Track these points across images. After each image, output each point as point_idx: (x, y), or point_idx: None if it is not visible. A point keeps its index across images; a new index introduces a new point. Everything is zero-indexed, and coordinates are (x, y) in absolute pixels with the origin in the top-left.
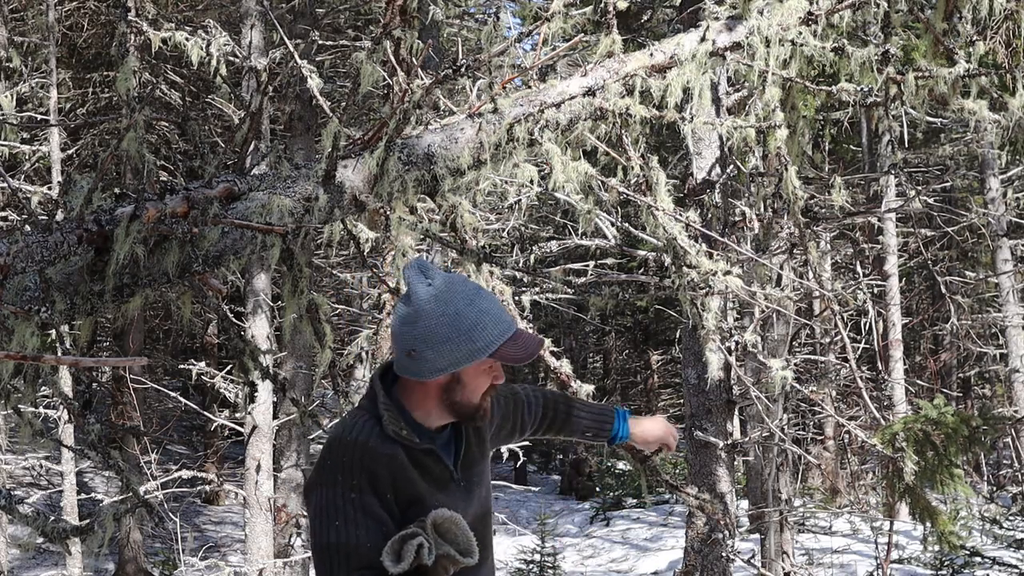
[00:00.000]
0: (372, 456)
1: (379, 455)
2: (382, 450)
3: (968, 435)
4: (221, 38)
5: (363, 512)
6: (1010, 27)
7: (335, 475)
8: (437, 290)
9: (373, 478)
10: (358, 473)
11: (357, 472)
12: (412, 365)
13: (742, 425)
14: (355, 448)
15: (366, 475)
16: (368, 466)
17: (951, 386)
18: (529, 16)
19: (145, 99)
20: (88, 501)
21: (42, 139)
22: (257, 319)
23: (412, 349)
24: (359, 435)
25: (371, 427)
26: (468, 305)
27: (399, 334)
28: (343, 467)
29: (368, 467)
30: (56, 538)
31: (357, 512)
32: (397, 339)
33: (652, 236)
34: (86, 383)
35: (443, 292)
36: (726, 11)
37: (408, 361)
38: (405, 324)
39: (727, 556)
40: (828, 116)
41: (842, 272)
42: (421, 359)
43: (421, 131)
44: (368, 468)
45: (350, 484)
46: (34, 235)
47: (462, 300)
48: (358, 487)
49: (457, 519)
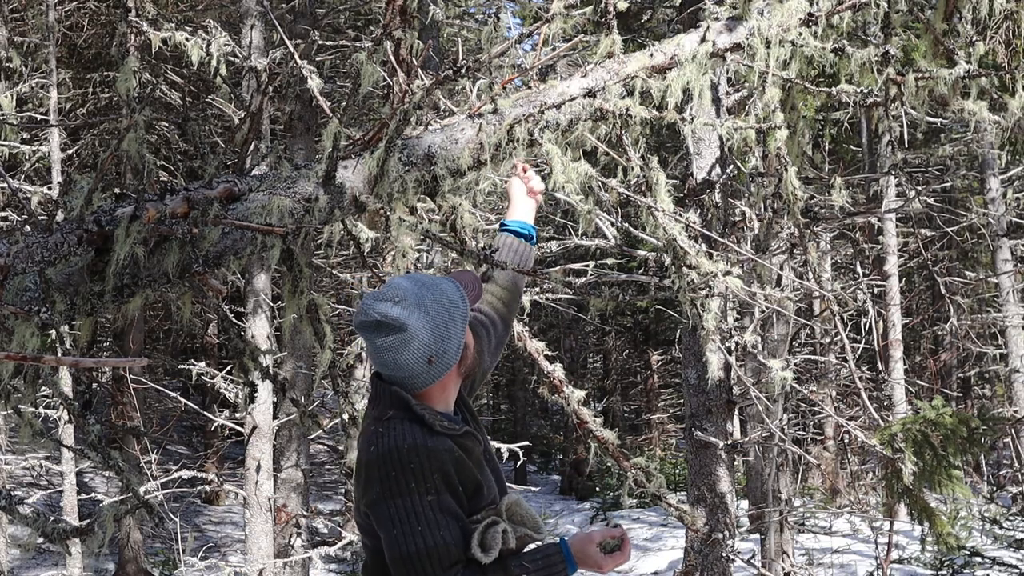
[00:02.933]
0: (436, 455)
1: (440, 452)
2: (441, 447)
3: (966, 436)
4: (221, 38)
5: (443, 512)
6: (1010, 27)
7: (407, 483)
8: (405, 300)
9: (445, 476)
10: (430, 475)
11: (429, 475)
12: (437, 367)
13: (742, 425)
14: (418, 452)
15: (438, 475)
16: (437, 466)
17: (951, 386)
18: (529, 16)
19: (145, 99)
20: (88, 501)
21: (42, 139)
22: (257, 319)
23: (431, 355)
24: (415, 440)
25: (418, 429)
26: (428, 288)
27: (409, 357)
28: (413, 473)
29: (437, 467)
30: (56, 538)
31: (438, 513)
32: (409, 362)
33: (652, 236)
34: (86, 383)
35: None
36: (726, 12)
37: (431, 368)
38: (411, 343)
39: (727, 556)
40: (828, 116)
41: (842, 272)
42: (442, 354)
43: (421, 132)
44: (438, 468)
45: (425, 488)
46: (34, 235)
47: (422, 289)
48: (435, 489)
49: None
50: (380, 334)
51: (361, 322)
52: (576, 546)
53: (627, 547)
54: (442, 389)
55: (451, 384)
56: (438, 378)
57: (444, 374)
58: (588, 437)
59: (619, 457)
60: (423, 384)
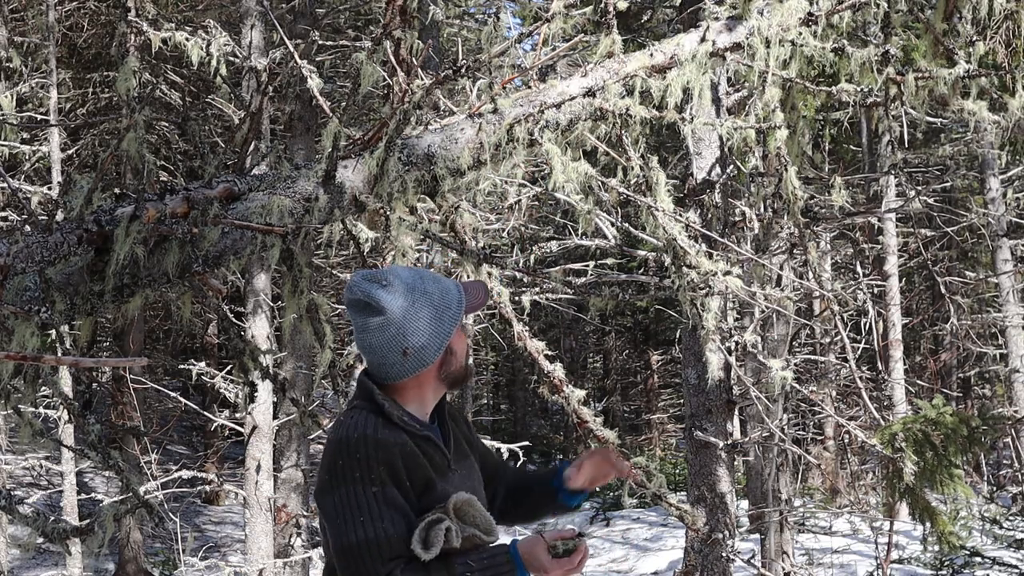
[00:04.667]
0: (385, 447)
1: (391, 445)
2: (393, 439)
3: (967, 435)
4: (221, 38)
5: (387, 504)
6: (1010, 27)
7: (351, 473)
8: (394, 285)
9: (391, 469)
10: (376, 466)
11: (375, 466)
12: (410, 362)
13: (742, 425)
14: (366, 443)
15: (384, 467)
16: (384, 458)
17: (951, 386)
18: (529, 16)
19: (145, 99)
20: (88, 501)
21: (42, 139)
22: (257, 319)
23: (406, 347)
24: (366, 430)
25: (374, 420)
26: (425, 281)
27: (383, 343)
28: (359, 464)
29: (384, 459)
30: (56, 538)
31: (381, 505)
32: (382, 348)
33: (652, 236)
34: (86, 383)
35: (400, 283)
36: (726, 11)
37: (404, 361)
38: (387, 329)
39: (727, 556)
40: (828, 116)
41: (842, 272)
42: (419, 349)
43: (421, 131)
44: (384, 460)
45: (369, 479)
46: (34, 235)
47: (418, 280)
48: (379, 480)
49: (473, 500)
50: (361, 314)
51: (347, 299)
52: (524, 547)
53: (580, 554)
54: (417, 387)
55: (428, 386)
56: (411, 373)
57: (419, 371)
58: (588, 437)
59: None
60: (396, 376)
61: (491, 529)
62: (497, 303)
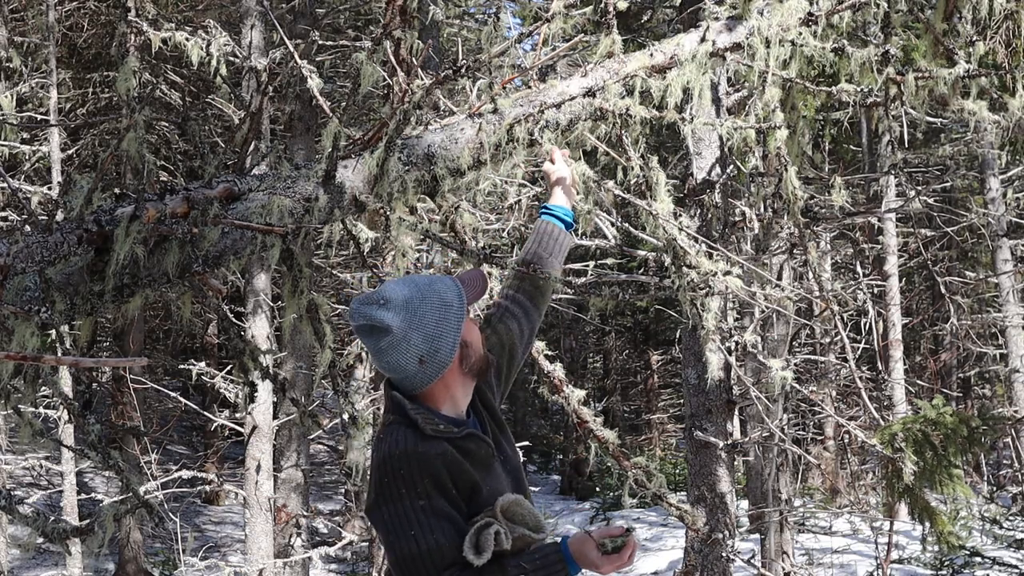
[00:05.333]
0: (426, 460)
1: (432, 456)
2: (432, 451)
3: (967, 435)
4: (221, 38)
5: (435, 515)
6: (1010, 27)
7: (397, 489)
8: (393, 301)
9: (436, 480)
10: (419, 480)
11: (419, 479)
12: (430, 367)
13: (742, 425)
14: (407, 458)
15: (428, 479)
16: (427, 470)
17: (951, 386)
18: (529, 16)
19: (145, 99)
20: (88, 501)
21: (42, 139)
22: (257, 319)
23: (421, 356)
24: (406, 445)
25: (411, 434)
26: (420, 289)
27: (399, 358)
28: (403, 479)
29: (428, 471)
30: (56, 538)
31: (429, 517)
32: (400, 363)
33: (652, 236)
34: (86, 383)
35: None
36: (726, 11)
37: (423, 368)
38: (399, 345)
39: (727, 556)
40: (828, 116)
41: (842, 272)
42: (434, 353)
43: (421, 131)
44: (428, 472)
45: (415, 493)
46: (34, 235)
47: (413, 289)
48: (424, 493)
49: (520, 500)
50: (370, 338)
51: (354, 328)
52: (575, 545)
53: (629, 548)
54: (445, 388)
55: (455, 383)
56: (434, 378)
57: (440, 373)
58: (588, 437)
59: (619, 457)
60: (421, 384)
61: (540, 526)
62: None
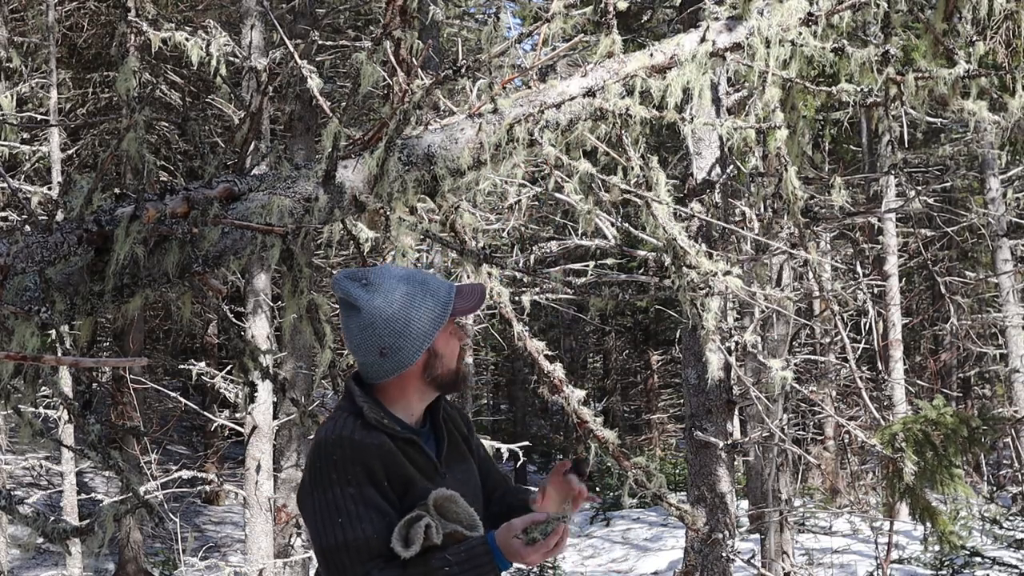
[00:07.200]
0: (361, 448)
1: (367, 445)
2: (369, 440)
3: (967, 435)
4: (221, 38)
5: (364, 505)
6: (1010, 27)
7: (328, 475)
8: (375, 284)
9: (368, 469)
10: (351, 467)
11: (350, 467)
12: (389, 362)
13: (742, 425)
14: (342, 444)
15: (360, 468)
16: (360, 458)
17: (951, 386)
18: (529, 16)
19: (145, 99)
20: (88, 501)
21: (42, 139)
22: (257, 319)
23: (383, 347)
24: (342, 431)
25: (352, 421)
26: (409, 282)
27: (362, 343)
28: (335, 465)
29: (360, 459)
30: (56, 538)
31: (359, 506)
32: (362, 348)
33: (652, 236)
34: (86, 383)
35: (382, 282)
36: (726, 11)
37: (383, 361)
38: (365, 329)
39: (727, 556)
40: (828, 116)
41: (842, 272)
42: (396, 350)
43: (421, 131)
44: (360, 460)
45: (346, 480)
46: (34, 235)
47: (401, 280)
48: (355, 481)
49: (455, 496)
50: (344, 312)
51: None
52: (500, 537)
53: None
54: (401, 389)
55: (412, 388)
56: (392, 374)
57: (399, 372)
58: (588, 437)
59: (619, 457)
60: (377, 376)
61: (475, 524)
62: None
